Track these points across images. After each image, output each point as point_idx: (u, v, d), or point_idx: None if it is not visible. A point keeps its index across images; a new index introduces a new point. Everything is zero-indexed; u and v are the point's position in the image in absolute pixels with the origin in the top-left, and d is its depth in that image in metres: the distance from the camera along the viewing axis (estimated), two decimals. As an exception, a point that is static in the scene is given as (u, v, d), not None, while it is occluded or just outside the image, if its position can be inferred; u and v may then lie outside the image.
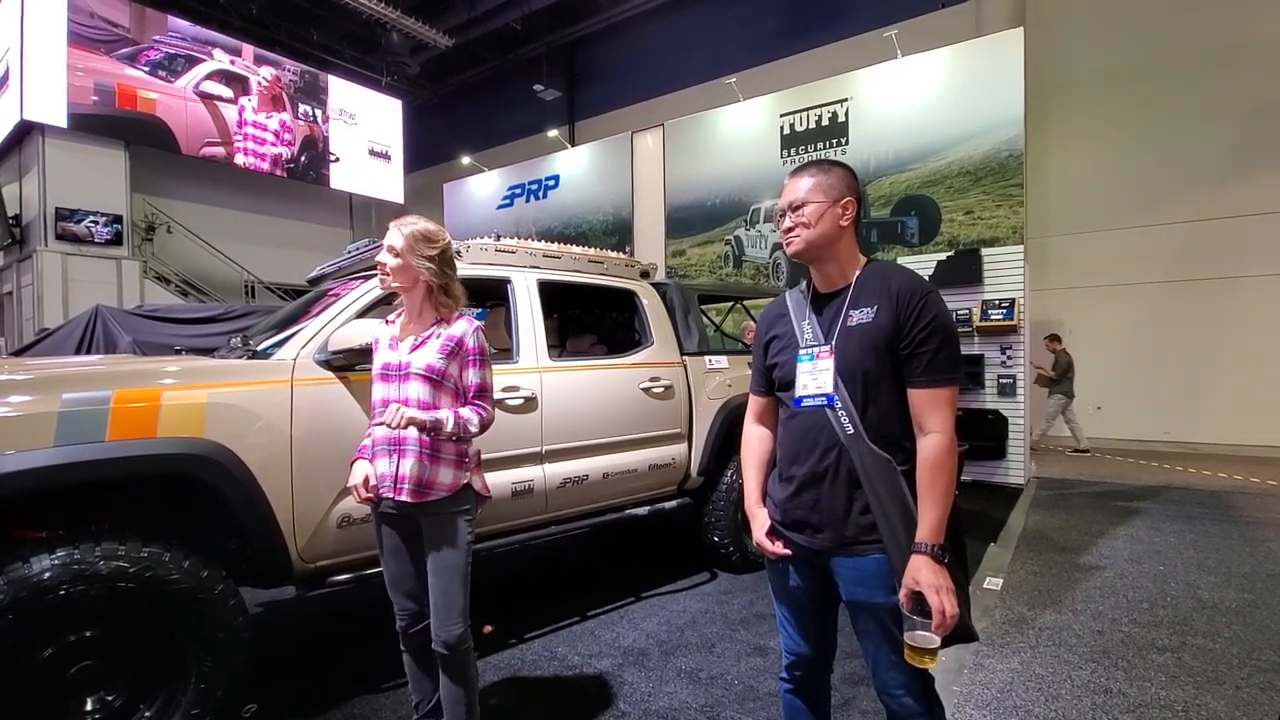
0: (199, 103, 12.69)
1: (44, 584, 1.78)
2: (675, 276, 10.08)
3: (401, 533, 2.03)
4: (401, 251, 1.96)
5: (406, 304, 2.05)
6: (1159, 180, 9.30)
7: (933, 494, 1.38)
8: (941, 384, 1.42)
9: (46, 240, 10.71)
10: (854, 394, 1.47)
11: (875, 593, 1.45)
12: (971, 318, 6.79)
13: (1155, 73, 9.31)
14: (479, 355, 2.02)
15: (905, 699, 1.47)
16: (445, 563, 1.95)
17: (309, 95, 14.26)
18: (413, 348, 1.99)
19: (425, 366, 1.95)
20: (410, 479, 1.92)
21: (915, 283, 1.47)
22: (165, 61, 12.33)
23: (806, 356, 1.55)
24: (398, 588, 2.06)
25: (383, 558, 2.07)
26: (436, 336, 2.00)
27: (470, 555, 2.01)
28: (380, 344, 2.06)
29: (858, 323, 1.48)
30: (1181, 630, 3.16)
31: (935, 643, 1.32)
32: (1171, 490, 6.48)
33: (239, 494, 2.16)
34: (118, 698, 1.95)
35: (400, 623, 2.08)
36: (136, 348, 5.03)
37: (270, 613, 3.60)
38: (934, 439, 1.40)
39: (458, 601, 1.95)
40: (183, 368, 2.28)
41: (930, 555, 1.35)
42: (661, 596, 3.70)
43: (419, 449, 1.93)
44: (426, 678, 2.13)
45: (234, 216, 13.58)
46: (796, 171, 1.57)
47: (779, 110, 10.00)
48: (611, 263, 3.85)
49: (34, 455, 1.83)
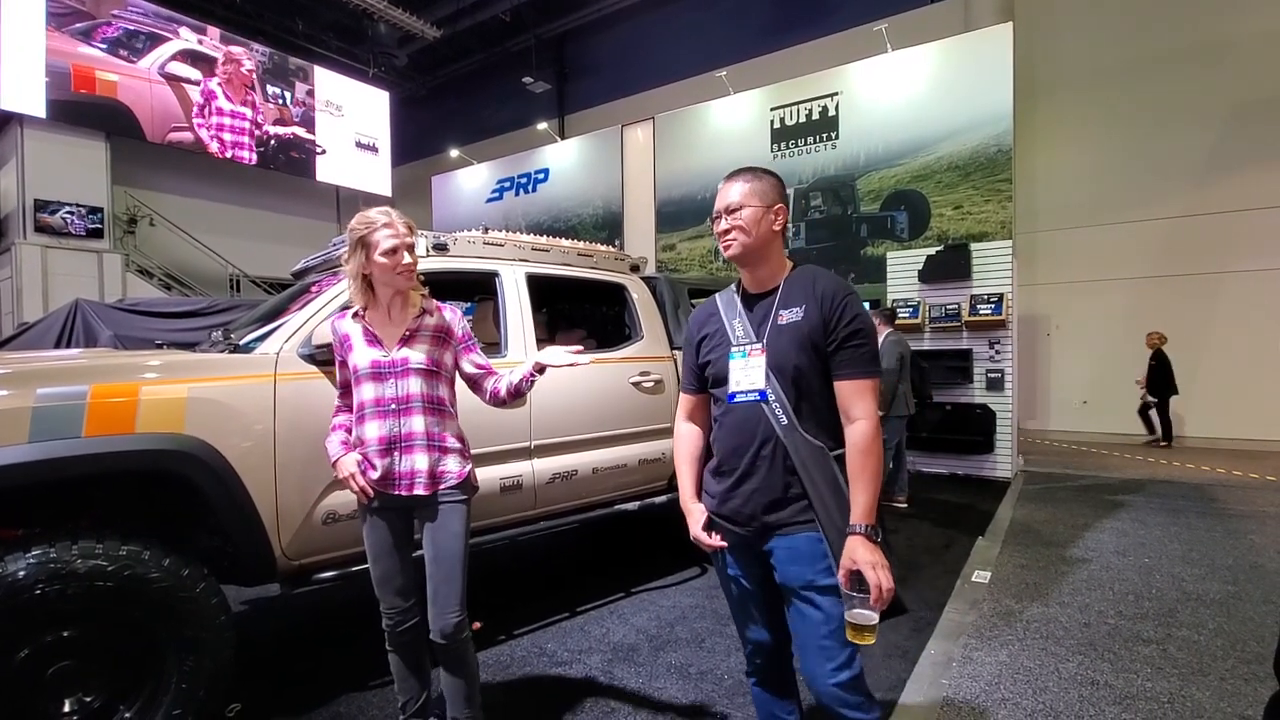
0: (164, 85, 11.98)
1: (19, 583, 1.74)
2: (665, 271, 10.04)
3: (396, 529, 2.00)
4: (414, 245, 1.95)
5: (383, 299, 1.97)
6: (1145, 176, 9.36)
7: (864, 477, 1.47)
8: (865, 375, 1.53)
9: (25, 233, 10.52)
10: (785, 388, 1.55)
11: (807, 570, 1.52)
12: (960, 313, 6.82)
13: (1142, 69, 9.37)
14: (473, 339, 2.06)
15: (835, 687, 1.50)
16: (447, 551, 1.94)
17: (278, 77, 13.71)
18: (402, 342, 1.95)
19: (425, 360, 1.94)
20: (423, 472, 1.92)
21: (838, 285, 1.59)
22: (124, 39, 11.49)
23: (739, 354, 1.62)
24: (387, 586, 2.01)
25: (372, 556, 2.01)
26: (425, 328, 1.98)
27: (467, 545, 2.00)
28: (353, 341, 1.96)
29: (788, 321, 1.57)
30: (1167, 622, 3.19)
31: (874, 619, 1.39)
32: (1156, 483, 6.55)
33: (220, 490, 2.12)
34: (96, 698, 1.91)
35: (387, 621, 2.03)
36: (117, 342, 4.94)
37: (254, 611, 3.56)
38: (860, 425, 1.50)
39: (457, 590, 1.94)
40: (162, 362, 2.23)
41: (864, 535, 1.43)
42: (651, 592, 3.69)
43: (427, 442, 1.93)
44: (414, 678, 2.09)
45: (218, 209, 13.38)
46: (731, 177, 1.65)
47: (769, 104, 9.99)
48: (601, 256, 3.82)
49: (8, 451, 1.78)
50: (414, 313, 1.99)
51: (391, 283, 1.93)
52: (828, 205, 9.47)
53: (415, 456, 1.92)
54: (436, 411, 1.97)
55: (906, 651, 2.92)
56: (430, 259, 2.93)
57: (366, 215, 1.94)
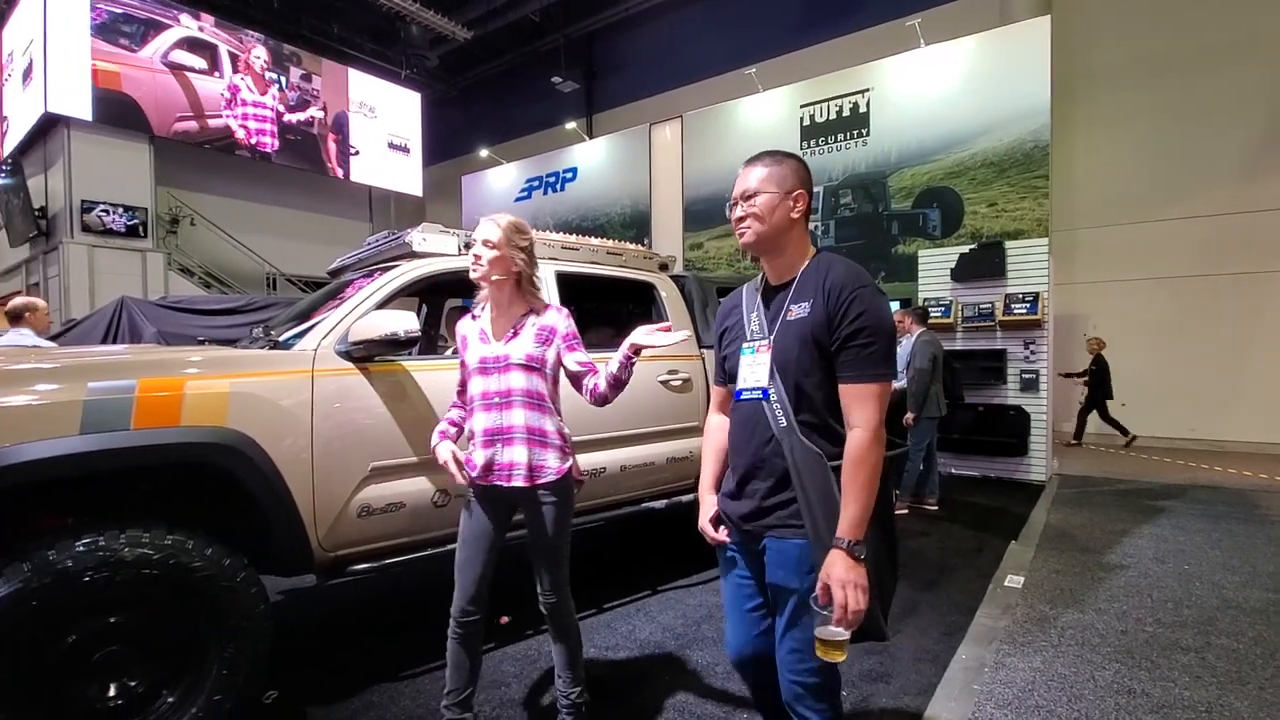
0: (168, 74, 11.67)
1: (69, 570, 1.80)
2: (693, 269, 10.02)
3: (490, 519, 2.10)
4: (499, 243, 2.03)
5: (494, 296, 2.11)
6: (1188, 172, 9.07)
7: (854, 488, 1.38)
8: (867, 379, 1.42)
9: (72, 232, 10.87)
10: (788, 387, 1.49)
11: (791, 577, 1.47)
12: (994, 312, 6.69)
13: (1184, 62, 9.07)
14: (577, 338, 2.13)
15: (798, 687, 1.49)
16: (544, 542, 2.08)
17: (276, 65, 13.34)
18: (507, 339, 2.07)
19: (525, 356, 2.05)
20: (521, 465, 2.02)
21: (849, 276, 1.46)
22: (116, 24, 11.06)
23: (748, 350, 1.58)
24: (463, 571, 2.11)
25: (460, 540, 2.13)
26: (530, 326, 2.08)
27: (569, 534, 2.14)
28: (470, 339, 2.13)
29: (796, 317, 1.50)
30: (1206, 631, 3.10)
31: (843, 636, 1.35)
32: (1197, 489, 6.36)
33: (261, 482, 2.18)
34: (141, 683, 1.97)
35: (454, 608, 2.10)
36: (161, 338, 5.10)
37: (289, 601, 3.64)
38: (856, 434, 1.40)
39: (555, 576, 2.11)
40: (205, 357, 2.30)
41: (845, 550, 1.35)
42: (677, 590, 3.70)
43: (527, 436, 2.03)
44: (465, 669, 2.13)
45: (255, 209, 13.68)
46: (750, 161, 1.58)
47: (799, 101, 9.92)
48: (630, 255, 3.84)
49: (61, 443, 1.85)
50: (521, 311, 2.10)
51: (475, 280, 2.08)
52: (858, 203, 9.37)
53: (515, 449, 2.03)
54: (536, 406, 2.06)
55: (937, 656, 2.89)
56: (461, 258, 2.97)
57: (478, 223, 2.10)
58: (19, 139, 11.74)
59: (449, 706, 2.13)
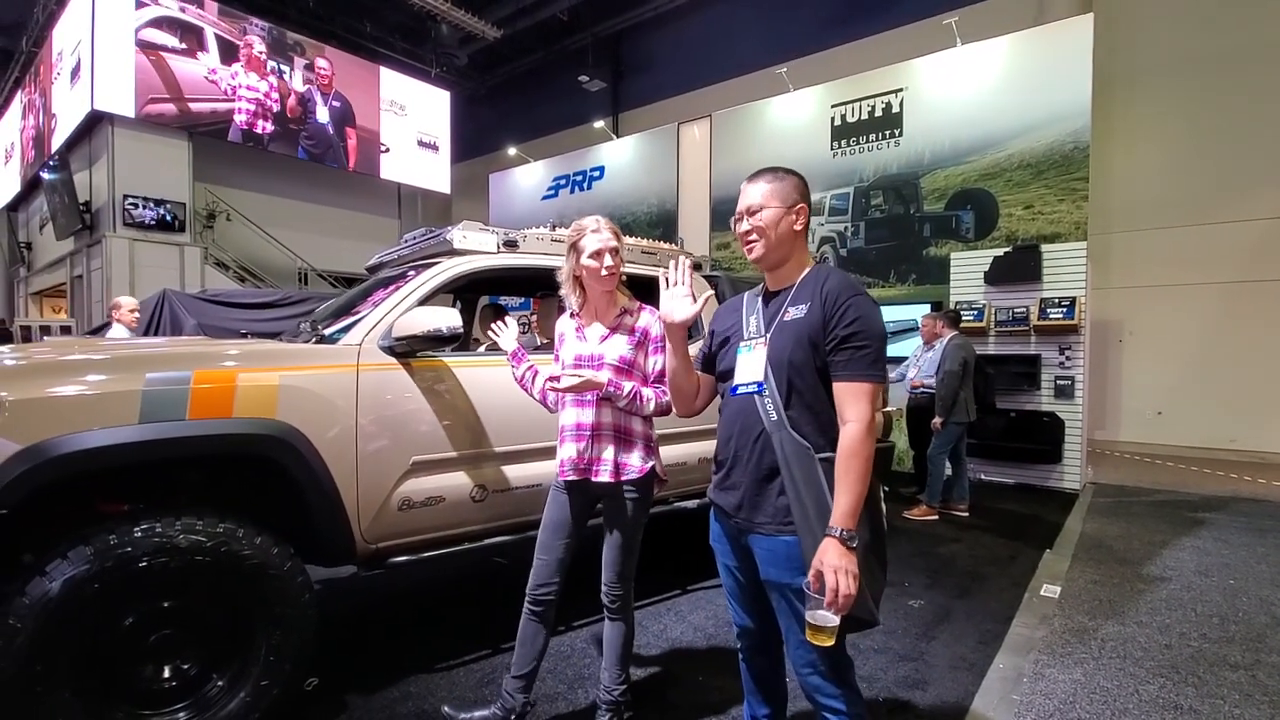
0: (140, 53, 11.11)
1: (128, 555, 1.86)
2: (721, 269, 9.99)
3: (571, 509, 2.18)
4: (619, 248, 2.12)
5: (592, 297, 2.18)
6: (1232, 175, 8.80)
7: (846, 480, 1.46)
8: (860, 378, 1.51)
9: (115, 226, 11.16)
10: (780, 383, 1.57)
11: (784, 573, 1.55)
12: (1029, 316, 6.58)
13: (1229, 62, 8.80)
14: (662, 343, 2.14)
15: (812, 677, 1.58)
16: (618, 537, 2.16)
17: (277, 53, 12.96)
18: (602, 339, 2.14)
19: (618, 358, 2.11)
20: (608, 461, 2.10)
21: (845, 284, 1.58)
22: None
23: (746, 348, 1.67)
24: (542, 554, 2.20)
25: (542, 524, 2.22)
26: (624, 328, 2.14)
27: (642, 531, 2.21)
28: (567, 336, 2.23)
29: (792, 318, 1.60)
30: (1255, 647, 3.02)
31: (833, 622, 1.41)
32: (1239, 501, 6.19)
33: (308, 474, 2.22)
34: (193, 666, 2.03)
35: (532, 582, 2.19)
36: (201, 330, 5.22)
37: (326, 592, 3.70)
38: (850, 428, 1.49)
39: (625, 571, 2.18)
40: (255, 350, 2.35)
41: (839, 539, 1.42)
42: (708, 590, 3.69)
43: (614, 434, 2.12)
44: (531, 647, 2.20)
45: (288, 205, 13.93)
46: (753, 177, 1.69)
47: (830, 101, 9.82)
48: (664, 254, 3.83)
49: (121, 431, 1.91)
50: (616, 312, 2.16)
51: (597, 283, 2.13)
52: (889, 204, 9.25)
53: (603, 445, 2.11)
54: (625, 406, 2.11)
55: (974, 664, 2.85)
56: (500, 256, 3.00)
57: (580, 222, 2.16)
58: (66, 135, 12.08)
59: (511, 687, 2.21)
